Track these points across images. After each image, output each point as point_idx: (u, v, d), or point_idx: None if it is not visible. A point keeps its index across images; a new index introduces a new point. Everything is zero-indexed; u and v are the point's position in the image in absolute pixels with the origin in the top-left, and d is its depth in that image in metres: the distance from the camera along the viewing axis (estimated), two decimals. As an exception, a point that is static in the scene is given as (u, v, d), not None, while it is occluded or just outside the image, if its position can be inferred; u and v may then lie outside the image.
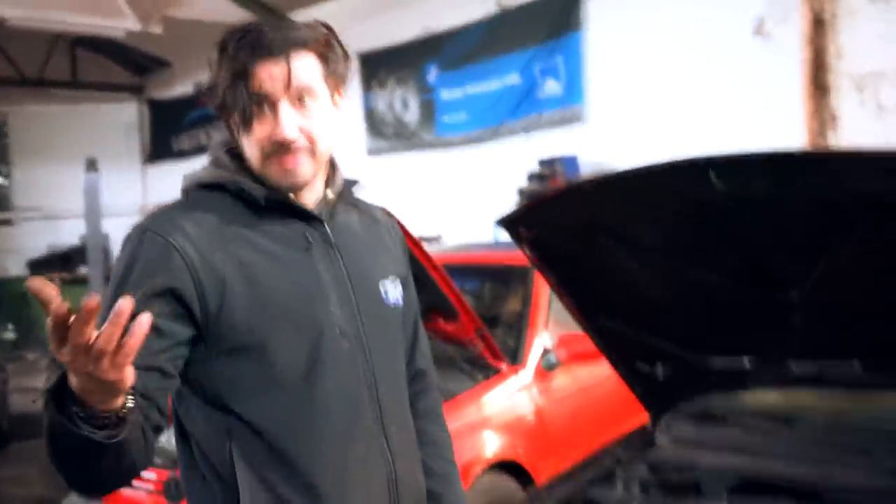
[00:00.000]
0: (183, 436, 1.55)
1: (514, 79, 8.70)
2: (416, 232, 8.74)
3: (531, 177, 7.90)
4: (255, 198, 1.52)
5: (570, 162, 7.86)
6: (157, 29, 10.83)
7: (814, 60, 6.14)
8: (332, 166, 1.66)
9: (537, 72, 8.45)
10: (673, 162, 1.88)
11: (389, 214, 1.82)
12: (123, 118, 15.20)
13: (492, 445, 3.61)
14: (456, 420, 3.59)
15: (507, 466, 3.64)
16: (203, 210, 1.52)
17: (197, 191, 1.58)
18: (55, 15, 9.56)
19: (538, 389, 3.93)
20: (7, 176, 15.57)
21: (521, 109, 8.61)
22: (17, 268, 13.51)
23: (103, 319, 1.10)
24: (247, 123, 1.49)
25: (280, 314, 1.47)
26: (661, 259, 2.21)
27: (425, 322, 3.97)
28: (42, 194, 13.99)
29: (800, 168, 1.78)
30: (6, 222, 15.02)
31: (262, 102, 1.48)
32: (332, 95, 1.57)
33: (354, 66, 11.34)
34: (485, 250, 5.25)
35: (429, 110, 9.77)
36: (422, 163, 9.84)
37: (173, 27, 10.97)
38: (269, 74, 1.47)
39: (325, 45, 1.54)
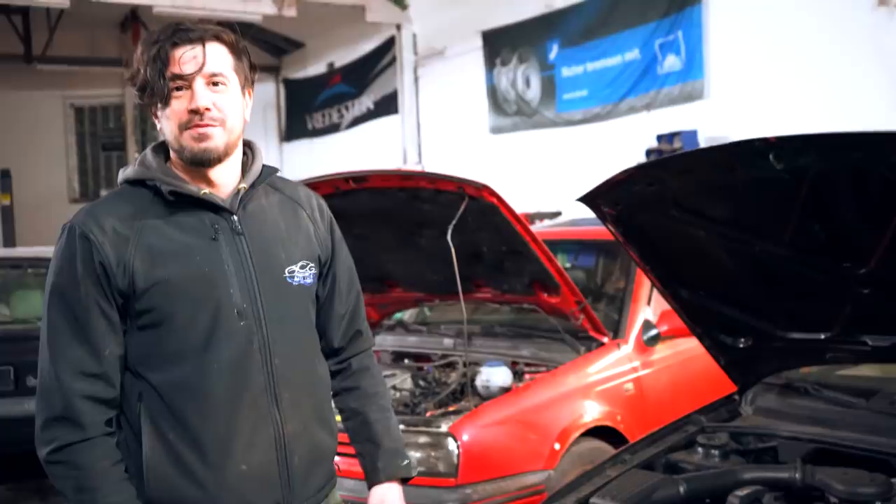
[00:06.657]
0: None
1: (634, 54, 8.69)
2: (535, 208, 8.84)
3: (649, 152, 7.89)
4: (165, 194, 1.74)
5: (690, 136, 7.82)
6: (291, 12, 11.37)
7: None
8: (252, 153, 1.89)
9: (657, 47, 8.41)
10: (731, 143, 2.01)
11: (315, 195, 2.01)
12: (262, 98, 15.85)
13: (590, 412, 3.75)
14: (556, 388, 3.77)
15: (605, 433, 3.79)
16: (125, 204, 1.76)
17: (125, 186, 1.81)
18: (198, 2, 10.22)
19: (639, 362, 4.06)
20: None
21: (641, 85, 8.59)
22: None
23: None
24: (166, 101, 1.71)
25: (182, 296, 1.71)
26: (730, 232, 2.31)
27: (528, 295, 4.14)
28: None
29: (845, 146, 1.89)
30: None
31: (180, 82, 1.71)
32: (242, 88, 1.80)
33: (476, 45, 11.51)
34: (594, 226, 5.31)
35: (550, 87, 9.85)
36: (543, 140, 9.92)
37: (306, 9, 11.47)
38: (185, 57, 1.70)
39: (235, 43, 1.78)
